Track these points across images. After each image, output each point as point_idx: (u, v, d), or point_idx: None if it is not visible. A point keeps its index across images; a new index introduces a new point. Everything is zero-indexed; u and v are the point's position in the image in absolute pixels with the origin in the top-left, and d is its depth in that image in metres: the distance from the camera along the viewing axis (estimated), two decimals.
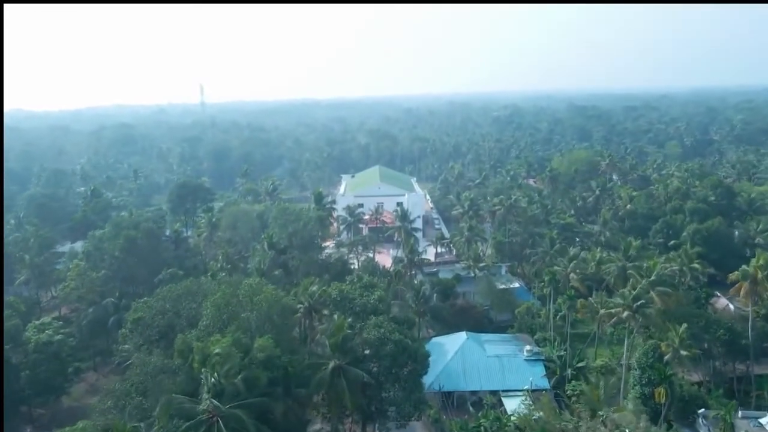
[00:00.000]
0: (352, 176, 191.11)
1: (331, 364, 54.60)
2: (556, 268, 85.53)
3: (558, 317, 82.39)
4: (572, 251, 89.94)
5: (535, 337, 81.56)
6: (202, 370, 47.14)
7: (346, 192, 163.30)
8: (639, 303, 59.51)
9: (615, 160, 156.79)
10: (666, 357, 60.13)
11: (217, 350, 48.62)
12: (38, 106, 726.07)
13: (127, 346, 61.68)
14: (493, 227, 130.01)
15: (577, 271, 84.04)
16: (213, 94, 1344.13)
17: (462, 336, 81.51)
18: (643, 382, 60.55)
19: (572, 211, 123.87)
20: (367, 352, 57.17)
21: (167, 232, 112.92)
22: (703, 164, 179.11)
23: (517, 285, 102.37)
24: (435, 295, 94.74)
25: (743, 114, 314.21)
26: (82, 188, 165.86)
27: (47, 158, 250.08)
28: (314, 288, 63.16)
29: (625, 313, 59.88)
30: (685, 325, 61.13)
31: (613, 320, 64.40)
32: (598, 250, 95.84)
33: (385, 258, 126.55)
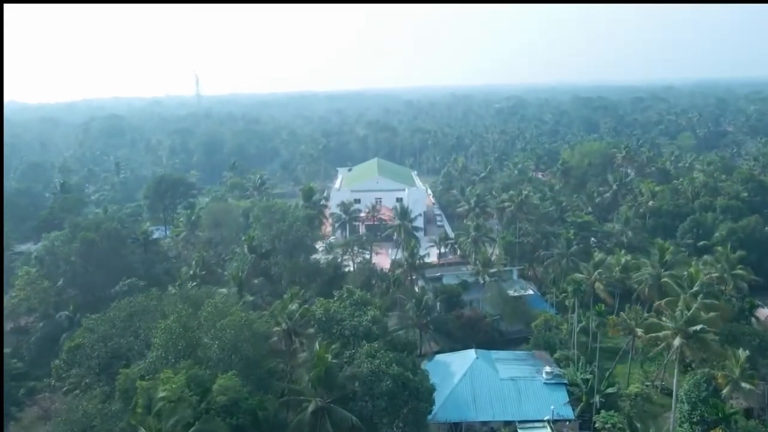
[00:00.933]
0: (349, 170, 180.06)
1: (312, 405, 43.86)
2: (578, 275, 74.55)
3: (579, 328, 71.62)
4: (597, 256, 78.84)
5: (555, 355, 70.63)
6: (143, 425, 36.43)
7: (341, 186, 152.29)
8: (697, 328, 48.29)
9: (632, 153, 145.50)
10: (723, 391, 49.29)
11: (163, 393, 37.87)
12: (33, 98, 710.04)
13: (74, 370, 50.87)
14: (501, 225, 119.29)
15: (603, 278, 73.03)
16: (211, 86, 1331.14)
17: (471, 354, 70.67)
18: (694, 419, 49.95)
19: (589, 208, 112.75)
20: (357, 385, 46.36)
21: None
22: (723, 156, 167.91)
23: (530, 292, 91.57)
24: (438, 304, 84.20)
25: (756, 105, 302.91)
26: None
27: (31, 151, 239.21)
28: (294, 306, 52.11)
29: (677, 340, 48.86)
30: (746, 352, 50.22)
31: (661, 346, 53.21)
32: (622, 252, 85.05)
33: (383, 259, 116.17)
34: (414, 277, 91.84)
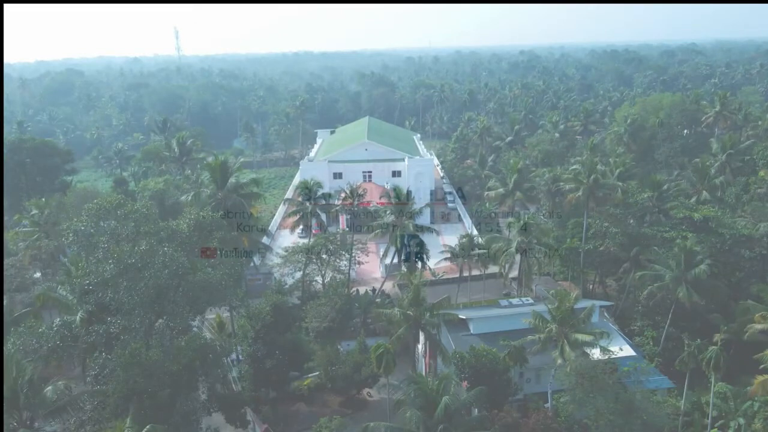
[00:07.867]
0: (332, 132, 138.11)
1: None
2: None
3: None
4: None
5: None
6: None
7: (317, 156, 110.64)
8: None
9: (729, 107, 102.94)
10: None
11: None
12: (12, 58, 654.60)
13: None
14: (545, 215, 78.63)
15: None
16: (204, 46, 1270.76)
17: None
18: None
19: (705, 194, 70.65)
20: None
21: None
22: None
23: (628, 350, 51.17)
24: (467, 381, 44.17)
25: None
26: None
27: None
28: None
29: None
30: None
31: None
32: None
33: (372, 267, 76.68)
34: (424, 325, 51.61)
